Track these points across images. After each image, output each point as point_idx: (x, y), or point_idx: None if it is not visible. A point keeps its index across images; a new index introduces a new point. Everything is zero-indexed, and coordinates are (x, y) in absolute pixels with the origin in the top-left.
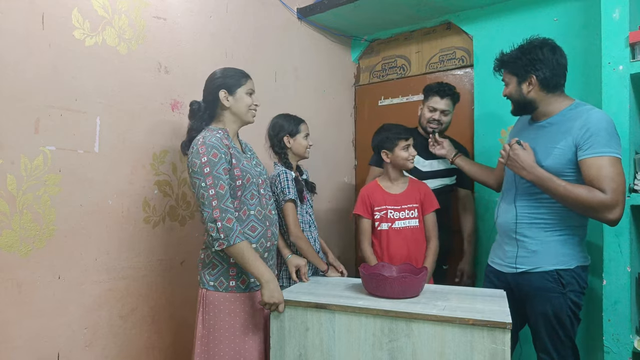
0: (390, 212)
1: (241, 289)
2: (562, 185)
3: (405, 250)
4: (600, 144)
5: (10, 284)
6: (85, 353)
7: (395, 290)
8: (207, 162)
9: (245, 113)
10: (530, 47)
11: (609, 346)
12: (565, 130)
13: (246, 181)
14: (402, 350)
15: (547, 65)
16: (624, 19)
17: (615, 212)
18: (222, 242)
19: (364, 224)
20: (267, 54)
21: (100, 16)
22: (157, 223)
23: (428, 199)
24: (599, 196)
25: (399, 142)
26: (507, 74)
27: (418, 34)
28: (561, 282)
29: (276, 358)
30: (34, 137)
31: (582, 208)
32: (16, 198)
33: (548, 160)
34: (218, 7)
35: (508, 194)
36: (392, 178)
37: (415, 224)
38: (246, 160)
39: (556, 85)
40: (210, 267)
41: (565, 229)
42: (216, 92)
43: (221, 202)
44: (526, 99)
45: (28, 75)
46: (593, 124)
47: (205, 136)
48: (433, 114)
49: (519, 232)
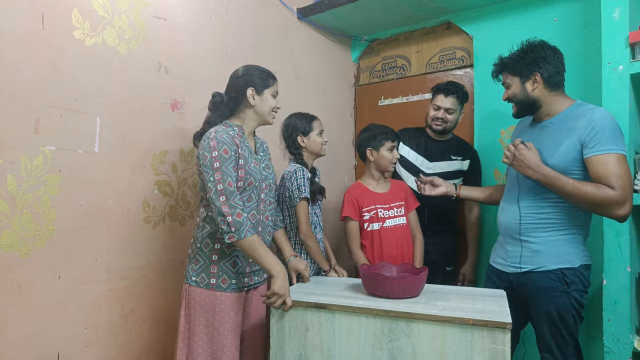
0: (380, 212)
1: (222, 288)
2: (570, 182)
3: (397, 249)
4: (606, 141)
5: (10, 284)
6: (85, 353)
7: (395, 290)
8: (217, 157)
9: (267, 114)
10: (531, 47)
11: (609, 346)
12: (569, 129)
13: (248, 184)
14: (402, 351)
15: (550, 62)
16: (624, 19)
17: (625, 207)
18: (232, 235)
19: (353, 226)
20: (267, 54)
21: (100, 16)
22: (157, 223)
23: (410, 196)
24: (608, 192)
25: (385, 143)
26: (509, 75)
27: (418, 34)
28: (565, 281)
29: (276, 358)
30: (34, 137)
31: (591, 205)
32: (16, 198)
33: (553, 159)
34: (218, 7)
35: (511, 194)
36: (376, 177)
37: (404, 222)
38: (254, 162)
39: (558, 84)
40: (194, 262)
41: (570, 228)
42: (244, 89)
43: (230, 198)
44: (530, 98)
45: (28, 75)
46: (598, 122)
47: (218, 131)
48: (437, 112)
49: (523, 233)
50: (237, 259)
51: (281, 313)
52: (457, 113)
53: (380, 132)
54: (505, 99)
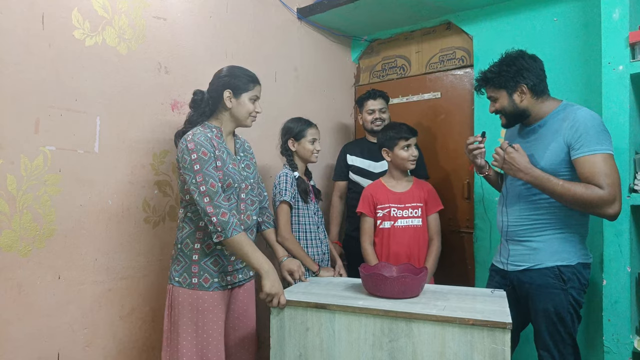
0: (393, 210)
1: (204, 287)
2: (560, 183)
3: (405, 249)
4: (591, 142)
5: (10, 284)
6: (85, 353)
7: (395, 290)
8: (197, 160)
9: (244, 118)
10: (511, 59)
11: (609, 346)
12: (555, 131)
13: (226, 185)
14: (402, 351)
15: (533, 72)
16: (624, 19)
17: (615, 206)
18: (219, 235)
19: (366, 222)
20: (267, 54)
21: (100, 16)
22: (157, 223)
23: (432, 199)
24: (597, 192)
25: (399, 142)
26: (494, 89)
27: (418, 34)
28: (562, 278)
29: (276, 358)
30: (34, 137)
31: (581, 205)
32: (16, 198)
33: (542, 162)
34: (218, 7)
35: (504, 198)
36: (396, 177)
37: (419, 223)
38: (233, 163)
39: (543, 90)
40: (176, 262)
41: (565, 228)
42: (221, 91)
43: (214, 199)
44: (520, 109)
45: (28, 75)
46: (580, 123)
47: (195, 133)
48: (373, 115)
49: (519, 234)
50: (218, 258)
51: (281, 313)
52: (387, 111)
53: (394, 131)
54: (493, 112)
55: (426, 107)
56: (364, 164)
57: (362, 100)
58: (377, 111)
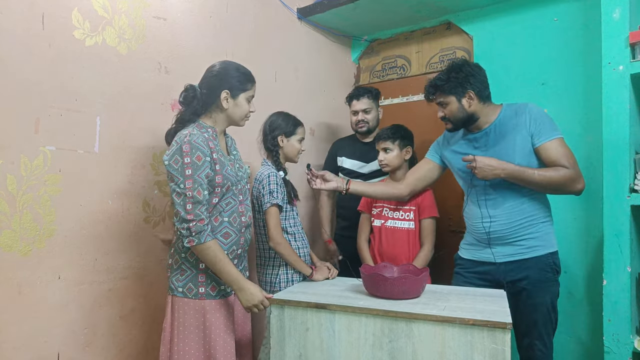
0: (385, 210)
1: (211, 296)
2: (535, 172)
3: (393, 249)
4: (549, 129)
5: (10, 284)
6: (85, 353)
7: (396, 291)
8: (190, 164)
9: (240, 119)
10: (458, 67)
11: (609, 346)
12: (514, 126)
13: (226, 189)
14: (402, 351)
15: (478, 78)
16: (624, 19)
17: (581, 181)
18: (192, 239)
19: (362, 219)
20: (267, 54)
21: (100, 16)
22: (157, 223)
23: (426, 203)
24: (567, 172)
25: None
26: (444, 95)
27: (418, 34)
28: (555, 269)
29: (276, 358)
30: (34, 137)
31: (555, 187)
32: (16, 198)
33: (517, 157)
34: (218, 7)
35: (480, 207)
36: (398, 179)
37: (410, 226)
38: (230, 164)
39: (488, 96)
40: (179, 272)
41: (548, 216)
42: (217, 91)
43: (196, 208)
44: (468, 113)
45: (28, 75)
46: (535, 114)
47: (192, 134)
48: (357, 116)
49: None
50: None
51: (281, 313)
52: (375, 110)
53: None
54: (441, 117)
55: (426, 107)
56: (354, 165)
57: (348, 99)
58: (360, 112)
